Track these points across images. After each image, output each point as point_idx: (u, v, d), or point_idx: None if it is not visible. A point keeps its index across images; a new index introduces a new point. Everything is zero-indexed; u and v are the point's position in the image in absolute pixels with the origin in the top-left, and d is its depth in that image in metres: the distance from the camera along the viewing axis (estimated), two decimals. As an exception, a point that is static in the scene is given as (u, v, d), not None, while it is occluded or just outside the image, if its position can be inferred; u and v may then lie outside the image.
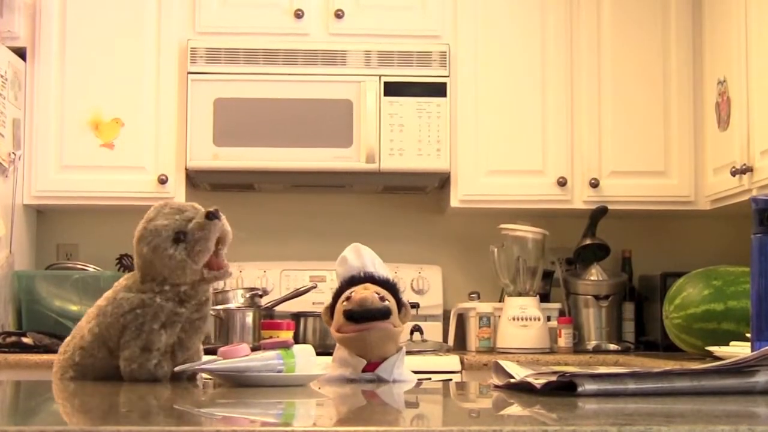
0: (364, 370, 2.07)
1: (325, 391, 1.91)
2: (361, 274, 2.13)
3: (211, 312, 2.33)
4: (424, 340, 3.92)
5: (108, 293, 2.04)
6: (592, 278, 4.07)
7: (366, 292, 2.06)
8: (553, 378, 1.56)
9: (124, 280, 2.04)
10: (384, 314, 2.05)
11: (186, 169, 3.97)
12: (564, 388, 1.55)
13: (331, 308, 2.14)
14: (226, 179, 4.07)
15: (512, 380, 1.68)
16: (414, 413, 1.53)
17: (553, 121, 4.05)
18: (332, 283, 4.16)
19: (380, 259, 2.22)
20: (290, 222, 4.35)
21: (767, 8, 3.43)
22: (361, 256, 2.18)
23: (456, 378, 3.58)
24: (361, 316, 2.04)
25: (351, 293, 2.08)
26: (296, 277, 4.16)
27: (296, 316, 3.91)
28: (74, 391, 1.84)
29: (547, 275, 4.17)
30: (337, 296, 2.13)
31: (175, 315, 1.98)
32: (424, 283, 4.21)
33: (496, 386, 1.74)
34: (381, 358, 2.08)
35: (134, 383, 1.92)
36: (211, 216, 1.96)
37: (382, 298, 2.07)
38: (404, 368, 2.11)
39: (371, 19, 4.04)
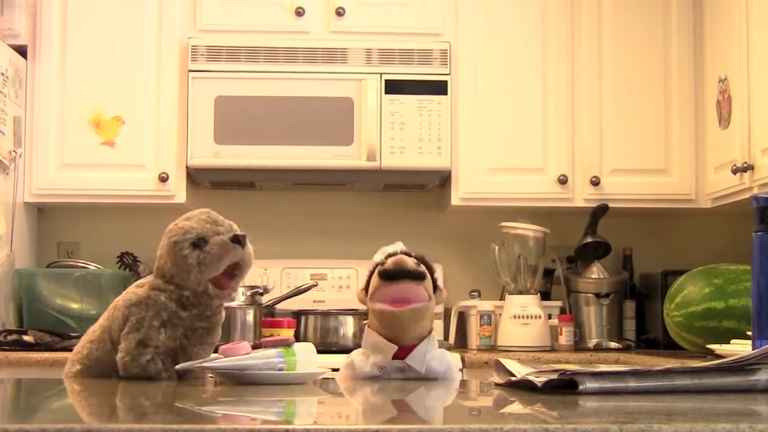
0: (394, 357, 2.04)
1: (335, 386, 1.91)
2: (397, 251, 2.13)
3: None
4: (424, 338, 3.91)
5: (125, 291, 2.06)
6: (592, 276, 4.07)
7: (402, 257, 2.06)
8: (554, 376, 1.56)
9: (144, 279, 2.06)
10: (419, 276, 2.04)
11: (187, 167, 3.97)
12: (565, 386, 1.55)
13: (366, 289, 2.11)
14: (227, 177, 4.07)
15: (513, 378, 1.68)
16: (414, 411, 1.53)
17: (554, 119, 4.05)
18: (333, 281, 4.18)
19: None
20: (291, 220, 4.35)
21: (768, 6, 3.43)
22: (398, 246, 2.18)
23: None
24: (395, 273, 2.02)
25: (386, 259, 2.08)
26: (297, 275, 4.17)
27: (297, 314, 3.91)
28: (75, 388, 1.84)
29: (548, 273, 4.17)
30: (371, 274, 2.11)
31: (177, 317, 1.98)
32: (424, 281, 4.21)
33: (497, 384, 1.74)
34: (415, 338, 2.05)
35: (135, 381, 1.92)
36: (234, 239, 1.97)
37: (418, 264, 2.06)
38: (436, 352, 2.08)
39: (372, 16, 4.04)
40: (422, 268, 2.06)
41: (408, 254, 2.11)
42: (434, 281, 2.10)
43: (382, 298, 2.03)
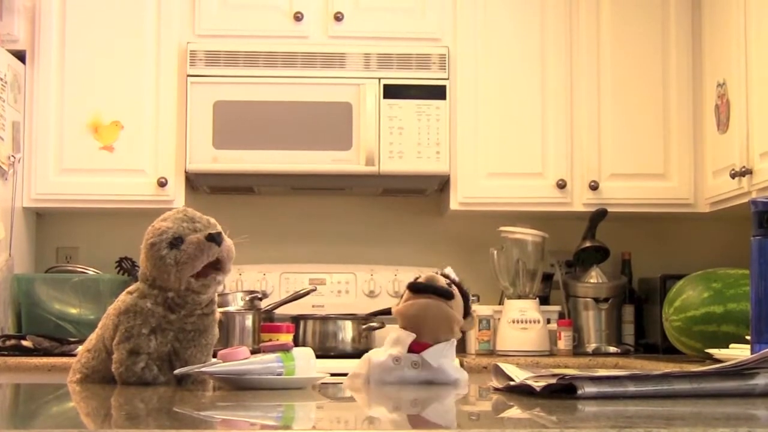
0: (411, 350, 2.05)
1: (334, 390, 1.91)
2: (438, 272, 2.15)
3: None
4: (423, 343, 3.91)
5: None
6: (591, 281, 4.07)
7: (435, 275, 2.09)
8: (553, 380, 1.56)
9: (134, 285, 2.04)
10: (446, 294, 2.06)
11: (185, 172, 3.97)
12: (564, 391, 1.55)
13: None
14: (226, 182, 4.07)
15: (512, 383, 1.68)
16: (413, 416, 1.53)
17: (553, 124, 4.05)
18: (331, 286, 4.18)
19: None
20: (290, 225, 4.35)
21: (767, 10, 3.43)
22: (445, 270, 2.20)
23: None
24: (424, 287, 2.05)
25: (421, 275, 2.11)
26: (296, 280, 4.16)
27: (296, 319, 3.91)
28: (73, 393, 1.83)
29: (547, 278, 4.17)
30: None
31: (166, 322, 1.97)
32: (423, 285, 4.20)
33: (496, 389, 1.74)
34: (432, 337, 2.05)
35: (132, 386, 1.92)
36: (209, 238, 1.95)
37: (450, 285, 2.08)
38: (454, 358, 2.09)
39: (371, 21, 4.04)
40: (454, 289, 2.08)
41: (447, 277, 2.13)
42: (467, 308, 2.12)
43: (407, 300, 2.07)
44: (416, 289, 2.06)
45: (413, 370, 2.03)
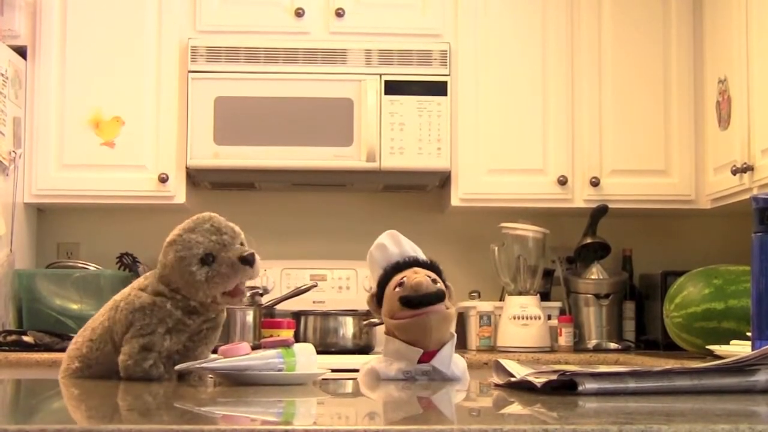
0: (419, 361, 2.02)
1: (335, 387, 1.91)
2: (406, 259, 2.10)
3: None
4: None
5: (125, 289, 2.05)
6: (592, 277, 4.07)
7: (419, 277, 2.02)
8: (554, 377, 1.56)
9: (143, 278, 2.05)
10: (440, 297, 2.01)
11: (186, 167, 3.97)
12: (564, 387, 1.55)
13: (377, 296, 2.09)
14: (227, 178, 4.07)
15: (513, 379, 1.68)
16: (414, 412, 1.53)
17: (554, 120, 4.05)
18: (332, 282, 4.18)
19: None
20: (291, 221, 4.35)
21: (768, 7, 3.43)
22: (400, 242, 2.14)
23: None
24: (418, 301, 1.99)
25: (402, 279, 2.03)
26: (297, 276, 4.16)
27: (297, 315, 3.91)
28: (75, 389, 1.84)
29: (548, 274, 4.17)
30: (382, 283, 2.08)
31: (182, 324, 1.98)
32: (424, 281, 4.20)
33: (497, 385, 1.74)
34: (439, 343, 2.04)
35: (135, 382, 1.92)
36: (244, 261, 1.96)
37: (434, 281, 2.04)
38: (454, 357, 2.07)
39: (372, 17, 4.04)
40: (439, 283, 2.04)
41: (417, 262, 2.09)
42: (443, 281, 2.09)
43: (406, 317, 2.02)
44: (412, 304, 2.00)
45: (423, 377, 2.02)
